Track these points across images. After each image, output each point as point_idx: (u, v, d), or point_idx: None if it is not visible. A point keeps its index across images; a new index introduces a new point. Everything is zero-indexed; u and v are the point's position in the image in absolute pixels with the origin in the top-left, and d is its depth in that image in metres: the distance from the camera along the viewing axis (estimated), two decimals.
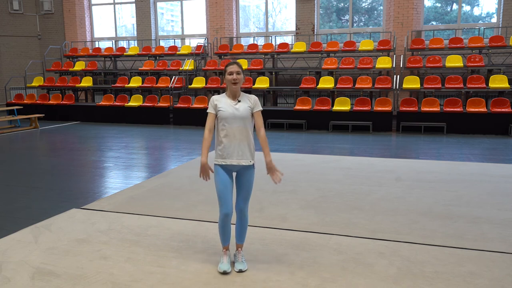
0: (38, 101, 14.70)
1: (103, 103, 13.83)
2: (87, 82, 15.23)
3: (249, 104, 3.42)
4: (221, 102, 3.42)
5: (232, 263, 3.59)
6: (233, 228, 3.78)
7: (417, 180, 6.25)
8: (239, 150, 3.37)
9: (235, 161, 3.38)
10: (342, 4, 14.46)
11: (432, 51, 12.53)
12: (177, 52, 14.91)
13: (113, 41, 16.74)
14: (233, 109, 3.37)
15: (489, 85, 11.11)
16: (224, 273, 3.45)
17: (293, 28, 14.42)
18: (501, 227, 4.41)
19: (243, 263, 3.53)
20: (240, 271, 3.47)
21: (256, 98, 3.50)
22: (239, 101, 3.42)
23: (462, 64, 11.73)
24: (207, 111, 3.47)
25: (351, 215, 4.80)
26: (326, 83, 12.45)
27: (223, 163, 3.41)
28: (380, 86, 11.80)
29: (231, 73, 3.40)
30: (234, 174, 3.52)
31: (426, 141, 9.64)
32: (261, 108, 3.48)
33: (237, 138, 3.36)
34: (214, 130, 3.45)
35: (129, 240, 4.14)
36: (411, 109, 11.12)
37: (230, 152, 3.38)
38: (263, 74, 13.61)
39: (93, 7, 16.97)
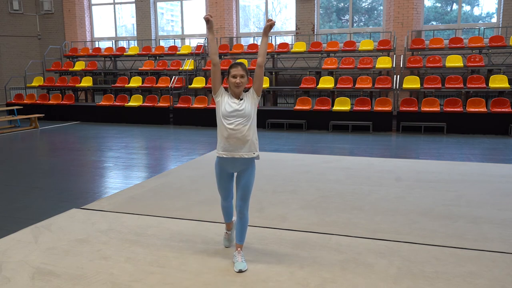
0: (38, 101, 14.69)
1: (103, 103, 13.82)
2: (87, 82, 15.23)
3: (251, 99, 3.49)
4: (225, 98, 3.46)
5: (232, 263, 3.59)
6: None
7: (417, 180, 6.25)
8: (242, 145, 3.42)
9: (236, 154, 3.42)
10: (342, 4, 14.45)
11: (432, 51, 12.53)
12: (177, 52, 14.90)
13: (113, 41, 16.74)
14: (236, 106, 3.41)
15: (489, 85, 11.11)
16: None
17: (293, 28, 14.41)
18: (501, 227, 4.41)
19: (243, 263, 3.53)
20: (240, 271, 3.46)
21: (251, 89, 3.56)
22: (241, 99, 3.46)
23: (462, 64, 11.72)
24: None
25: (351, 215, 4.80)
26: (326, 83, 12.45)
27: (224, 156, 3.45)
28: (380, 86, 11.80)
29: (234, 76, 3.42)
30: (235, 174, 3.56)
31: (426, 141, 9.64)
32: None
33: (239, 135, 3.40)
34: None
35: (129, 240, 4.14)
36: (411, 109, 11.12)
37: (232, 146, 3.43)
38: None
39: (93, 7, 16.97)
